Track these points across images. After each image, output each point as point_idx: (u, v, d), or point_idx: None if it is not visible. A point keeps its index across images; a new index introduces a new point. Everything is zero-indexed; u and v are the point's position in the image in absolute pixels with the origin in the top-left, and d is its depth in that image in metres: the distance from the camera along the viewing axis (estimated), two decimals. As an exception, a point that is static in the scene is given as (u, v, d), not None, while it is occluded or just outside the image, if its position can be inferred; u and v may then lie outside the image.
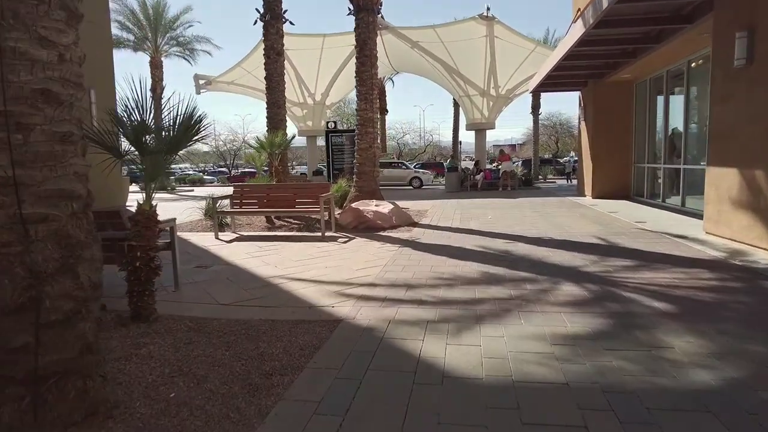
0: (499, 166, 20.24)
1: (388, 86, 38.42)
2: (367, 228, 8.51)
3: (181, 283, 4.88)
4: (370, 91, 10.04)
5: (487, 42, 19.31)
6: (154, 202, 3.95)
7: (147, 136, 3.84)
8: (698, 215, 9.06)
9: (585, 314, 3.68)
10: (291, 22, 10.87)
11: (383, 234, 8.09)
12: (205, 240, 7.96)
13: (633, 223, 8.50)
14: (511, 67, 20.39)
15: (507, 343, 3.17)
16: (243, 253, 6.67)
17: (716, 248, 6.14)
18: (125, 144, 3.93)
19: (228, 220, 8.77)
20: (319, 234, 7.89)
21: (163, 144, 3.89)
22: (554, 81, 13.84)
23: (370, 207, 8.90)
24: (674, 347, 3.03)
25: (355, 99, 10.57)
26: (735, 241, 6.40)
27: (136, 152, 3.89)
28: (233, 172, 51.45)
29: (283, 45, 10.63)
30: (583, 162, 14.84)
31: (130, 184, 32.62)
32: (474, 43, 19.43)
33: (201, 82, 22.57)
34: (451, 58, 20.40)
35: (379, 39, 21.66)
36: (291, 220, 9.51)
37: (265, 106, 10.62)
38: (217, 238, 8.09)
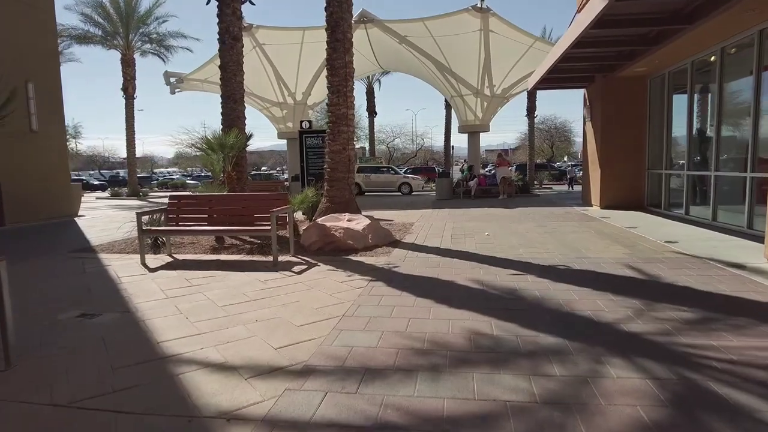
0: (494, 171, 18.71)
1: (375, 87, 36.88)
2: (336, 249, 6.82)
3: (31, 350, 3.19)
4: (344, 82, 8.37)
5: (482, 36, 17.77)
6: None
7: None
8: (737, 232, 7.52)
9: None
10: (251, 2, 9.19)
11: (354, 258, 6.40)
12: (127, 267, 6.23)
13: (663, 244, 6.89)
14: (507, 65, 18.86)
15: None
16: (160, 291, 4.95)
17: (798, 287, 4.52)
18: None
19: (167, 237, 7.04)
20: (273, 259, 6.20)
21: None
22: (558, 76, 12.27)
23: (340, 223, 7.22)
24: None
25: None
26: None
27: None
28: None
29: (241, 29, 8.95)
30: (589, 167, 13.27)
31: (85, 191, 30.81)
32: (467, 37, 17.88)
33: (172, 80, 20.81)
34: (442, 55, 18.83)
35: (363, 34, 20.14)
36: (246, 237, 7.81)
37: (220, 100, 8.93)
38: (143, 264, 6.37)
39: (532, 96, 31.29)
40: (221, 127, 8.86)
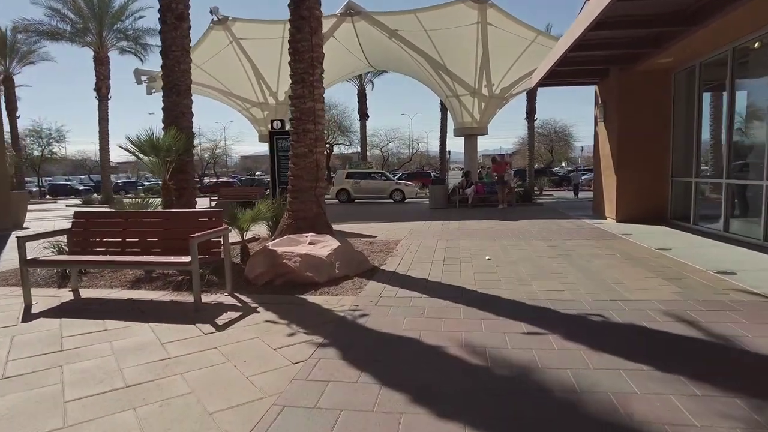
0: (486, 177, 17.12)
1: (368, 89, 35.34)
2: (289, 283, 5.18)
3: None
4: (310, 69, 6.74)
5: (479, 30, 16.23)
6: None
7: None
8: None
9: None
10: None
11: (311, 298, 4.76)
12: (4, 311, 4.57)
13: (717, 276, 5.28)
14: (507, 62, 17.32)
15: None
16: (4, 359, 3.31)
17: None
18: None
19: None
20: (202, 299, 4.54)
21: None
22: (567, 68, 10.71)
23: (299, 247, 5.58)
24: None
25: (330, 97, 7.28)
26: None
27: None
28: (206, 180, 47.87)
29: (187, 6, 7.33)
30: (602, 174, 11.69)
31: (70, 197, 28.96)
32: (463, 31, 16.34)
33: (143, 78, 19.16)
34: (436, 51, 17.28)
35: (350, 29, 18.57)
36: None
37: (162, 93, 7.30)
38: (27, 305, 4.71)
39: (532, 97, 29.82)
40: (162, 125, 7.23)
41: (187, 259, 4.31)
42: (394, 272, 5.90)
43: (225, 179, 48.27)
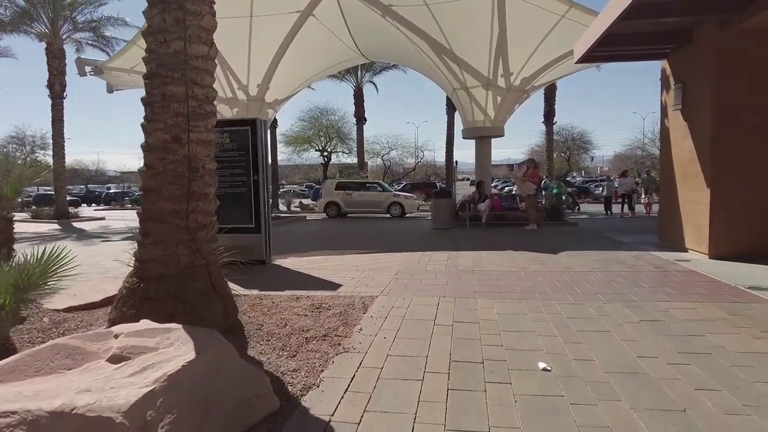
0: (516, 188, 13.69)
1: (371, 91, 32.03)
2: None
3: None
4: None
5: (494, 4, 12.81)
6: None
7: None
8: None
9: None
10: None
11: None
12: None
13: None
14: (530, 44, 13.84)
15: None
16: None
17: None
18: None
19: None
20: None
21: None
22: (626, 33, 7.27)
23: (57, 381, 2.07)
24: None
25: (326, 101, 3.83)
26: None
27: None
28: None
29: None
30: (676, 185, 8.14)
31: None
32: (474, 6, 12.93)
33: (88, 69, 15.88)
34: (440, 31, 13.85)
35: (337, 10, 15.30)
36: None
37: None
38: None
39: (550, 97, 26.37)
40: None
41: None
42: (326, 428, 2.39)
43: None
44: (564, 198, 18.29)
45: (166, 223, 3.33)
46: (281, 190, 32.29)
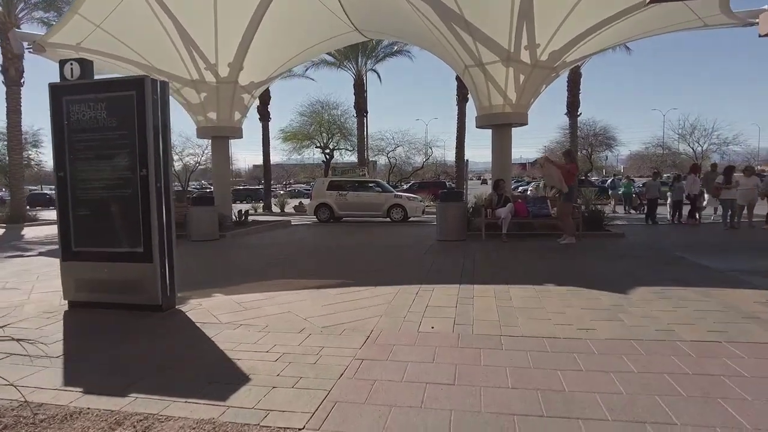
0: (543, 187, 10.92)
1: (375, 81, 29.19)
2: None
3: None
4: None
5: (519, -47, 9.92)
6: None
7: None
8: None
9: None
10: None
11: None
12: None
13: None
14: (561, 9, 10.89)
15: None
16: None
17: None
18: None
19: None
20: None
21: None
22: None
23: None
24: None
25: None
26: None
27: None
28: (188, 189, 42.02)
29: None
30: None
31: (36, 208, 22.42)
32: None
33: (25, 45, 13.28)
34: (449, -8, 10.99)
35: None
36: None
37: None
38: None
39: (574, 85, 23.32)
40: None
41: None
42: None
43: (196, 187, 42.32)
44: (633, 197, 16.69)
45: None
46: (286, 189, 29.67)
